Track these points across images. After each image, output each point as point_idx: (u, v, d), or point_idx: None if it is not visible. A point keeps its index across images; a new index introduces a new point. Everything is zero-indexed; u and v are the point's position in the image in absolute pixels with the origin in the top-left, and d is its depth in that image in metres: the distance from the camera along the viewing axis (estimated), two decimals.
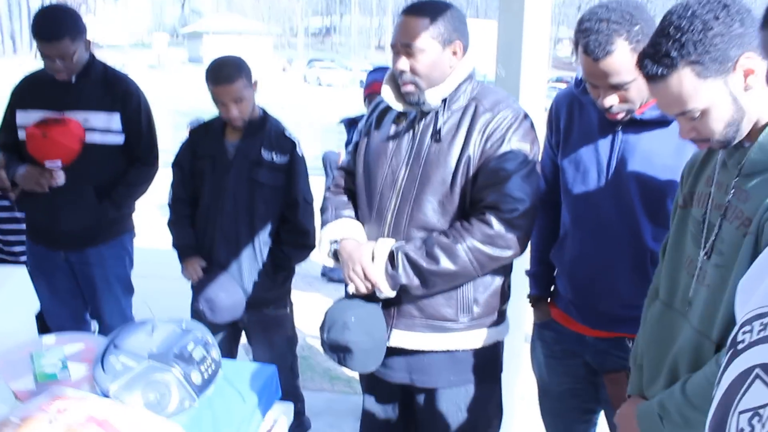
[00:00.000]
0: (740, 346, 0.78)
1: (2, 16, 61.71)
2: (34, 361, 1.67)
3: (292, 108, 21.77)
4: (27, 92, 2.89)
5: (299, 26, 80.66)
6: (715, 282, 1.32)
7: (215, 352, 1.65)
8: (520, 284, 2.26)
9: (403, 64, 1.85)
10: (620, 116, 1.78)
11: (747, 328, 0.79)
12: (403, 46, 1.84)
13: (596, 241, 1.90)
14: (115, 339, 1.60)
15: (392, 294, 1.87)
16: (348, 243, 1.94)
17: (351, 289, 1.92)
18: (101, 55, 2.94)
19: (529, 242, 2.08)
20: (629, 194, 1.83)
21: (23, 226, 3.09)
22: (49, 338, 1.87)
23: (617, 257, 1.88)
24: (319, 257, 2.07)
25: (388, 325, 1.93)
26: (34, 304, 2.08)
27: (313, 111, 21.35)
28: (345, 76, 39.59)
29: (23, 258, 3.15)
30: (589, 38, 1.68)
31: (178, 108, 17.41)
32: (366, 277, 1.86)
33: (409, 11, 1.87)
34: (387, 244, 1.88)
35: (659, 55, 1.25)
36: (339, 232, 1.99)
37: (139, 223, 3.14)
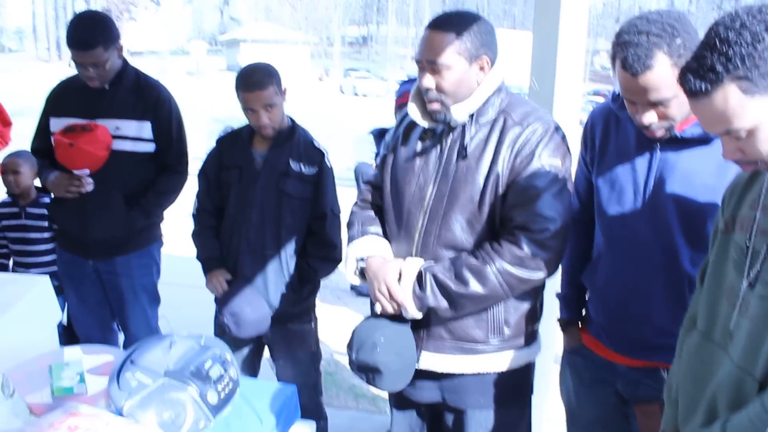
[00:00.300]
0: None
1: (49, 23, 63.48)
2: (53, 373, 1.65)
3: (326, 118, 21.88)
4: (61, 99, 2.91)
5: (336, 35, 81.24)
6: (760, 314, 1.23)
7: (233, 371, 1.61)
8: (552, 304, 2.19)
9: (429, 81, 1.80)
10: (659, 134, 1.69)
11: None
12: (428, 62, 1.79)
13: (630, 264, 1.82)
14: (132, 354, 1.57)
15: (419, 315, 1.82)
16: (374, 260, 1.89)
17: (378, 309, 1.88)
18: (141, 62, 2.97)
19: (562, 263, 2.01)
20: (667, 215, 1.74)
21: (32, 235, 3.11)
22: (71, 350, 1.86)
23: (652, 281, 1.79)
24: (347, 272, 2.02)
25: (418, 346, 1.89)
26: (56, 315, 2.07)
27: (346, 121, 21.41)
28: (380, 86, 39.63)
29: (35, 270, 3.19)
30: (628, 52, 1.59)
31: (214, 115, 17.61)
32: (392, 298, 1.81)
33: (435, 25, 1.80)
34: (415, 264, 1.83)
35: (703, 70, 1.16)
36: (365, 249, 1.94)
37: (167, 231, 3.13)
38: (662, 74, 1.58)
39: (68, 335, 3.20)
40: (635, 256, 1.80)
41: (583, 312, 2.09)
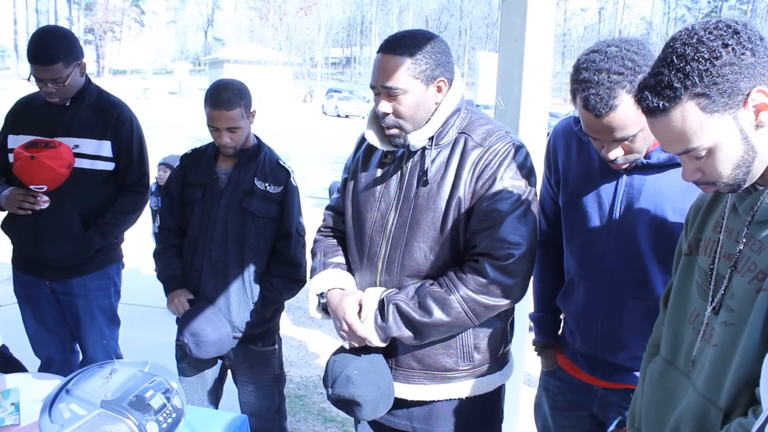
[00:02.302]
0: None
1: None
2: None
3: (307, 138, 21.90)
4: (20, 116, 2.83)
5: (319, 57, 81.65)
6: (724, 341, 1.17)
7: (177, 400, 1.53)
8: (520, 325, 2.13)
9: (385, 106, 1.73)
10: (625, 166, 1.65)
11: None
12: (383, 88, 1.72)
13: (602, 290, 1.76)
14: (69, 383, 1.48)
15: (383, 345, 1.78)
16: (334, 296, 1.84)
17: (346, 345, 1.83)
18: (124, 81, 2.92)
19: (531, 285, 1.97)
20: (637, 240, 1.68)
21: None
22: (12, 378, 1.77)
23: (625, 308, 1.73)
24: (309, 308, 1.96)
25: None
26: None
27: (327, 141, 21.43)
28: (363, 107, 39.78)
29: None
30: (589, 92, 1.51)
31: (194, 135, 17.55)
32: (354, 333, 1.76)
33: (387, 48, 1.72)
34: (375, 294, 1.77)
35: (661, 86, 1.11)
36: (325, 283, 1.89)
37: (131, 250, 3.04)
38: (626, 113, 1.52)
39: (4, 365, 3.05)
40: (606, 282, 1.75)
41: (560, 332, 2.03)
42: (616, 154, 1.59)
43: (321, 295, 1.89)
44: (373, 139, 1.83)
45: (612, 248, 1.72)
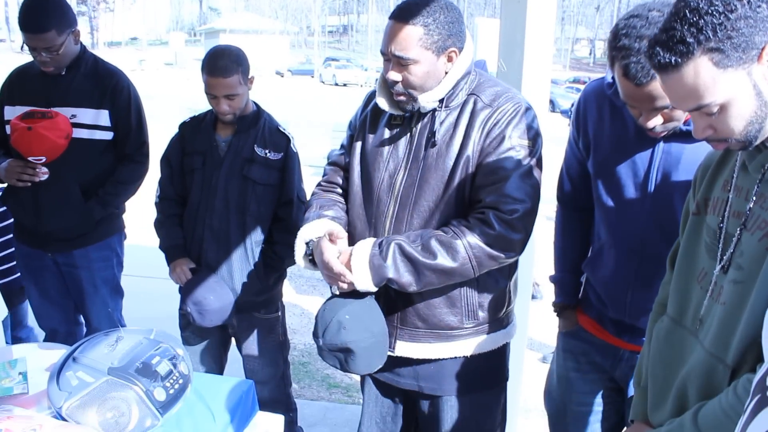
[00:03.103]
0: None
1: None
2: None
3: (306, 107, 21.75)
4: (15, 86, 2.79)
5: (316, 25, 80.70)
6: (732, 300, 1.17)
7: (184, 366, 1.53)
8: (523, 290, 2.13)
9: (395, 75, 1.73)
10: (663, 134, 1.61)
11: None
12: (394, 56, 1.71)
13: (634, 257, 1.73)
14: (75, 351, 1.48)
15: (373, 289, 1.74)
16: (321, 243, 1.82)
17: (335, 290, 1.82)
18: (119, 52, 2.87)
19: (554, 246, 2.02)
20: (673, 211, 1.63)
21: None
22: (19, 348, 1.77)
23: (657, 275, 1.64)
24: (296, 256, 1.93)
25: (392, 336, 1.85)
26: (1, 313, 1.96)
27: (325, 110, 21.29)
28: (361, 76, 39.48)
29: None
30: (630, 61, 1.46)
31: (191, 106, 17.43)
32: (335, 273, 1.74)
33: (400, 16, 1.70)
34: (368, 240, 1.77)
35: (673, 42, 1.08)
36: (314, 231, 1.87)
37: (133, 221, 3.03)
38: None
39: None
40: (639, 250, 1.72)
41: (580, 295, 2.02)
42: (656, 122, 1.55)
43: (308, 244, 1.88)
44: (383, 104, 1.83)
45: (646, 217, 1.70)
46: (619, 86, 1.56)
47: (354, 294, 1.78)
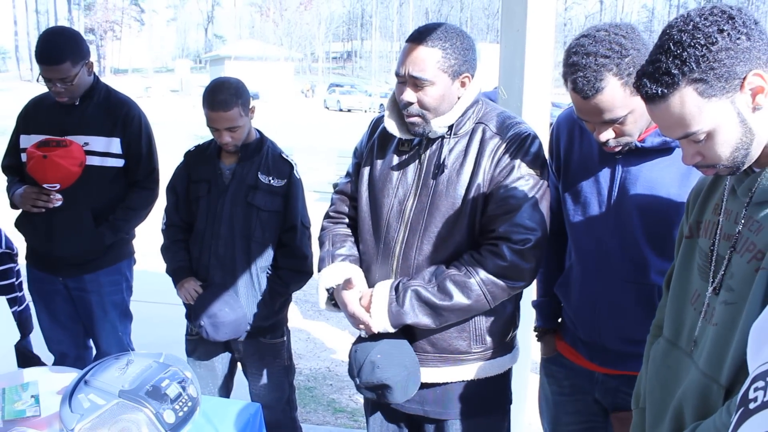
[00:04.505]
0: (752, 405, 0.68)
1: (32, 43, 63.20)
2: (5, 396, 1.59)
3: (310, 133, 21.89)
4: (31, 116, 2.88)
5: (320, 51, 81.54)
6: (724, 321, 1.20)
7: (193, 389, 1.56)
8: (527, 312, 2.18)
9: (410, 95, 1.77)
10: (618, 149, 1.69)
11: (759, 384, 0.69)
12: (411, 77, 1.75)
13: (600, 275, 1.80)
14: (87, 374, 1.52)
15: (392, 330, 1.80)
16: (344, 295, 1.87)
17: (363, 333, 1.87)
18: (125, 80, 2.95)
19: None
20: (632, 226, 1.72)
21: None
22: (30, 372, 1.81)
23: (622, 292, 1.77)
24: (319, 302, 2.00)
25: None
26: (12, 335, 2.01)
27: (330, 136, 21.43)
28: (365, 101, 39.71)
29: None
30: (577, 75, 1.56)
31: (197, 132, 17.57)
32: (361, 321, 1.80)
33: (418, 39, 1.75)
34: (386, 284, 1.81)
35: (659, 73, 1.14)
36: (333, 278, 1.92)
37: (141, 248, 3.08)
38: (613, 95, 1.56)
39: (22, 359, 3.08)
40: (604, 267, 1.79)
41: (560, 320, 2.06)
42: (607, 136, 1.63)
43: (328, 290, 1.93)
44: (392, 127, 1.86)
45: (608, 233, 1.76)
46: (572, 101, 1.65)
47: (382, 333, 1.83)
